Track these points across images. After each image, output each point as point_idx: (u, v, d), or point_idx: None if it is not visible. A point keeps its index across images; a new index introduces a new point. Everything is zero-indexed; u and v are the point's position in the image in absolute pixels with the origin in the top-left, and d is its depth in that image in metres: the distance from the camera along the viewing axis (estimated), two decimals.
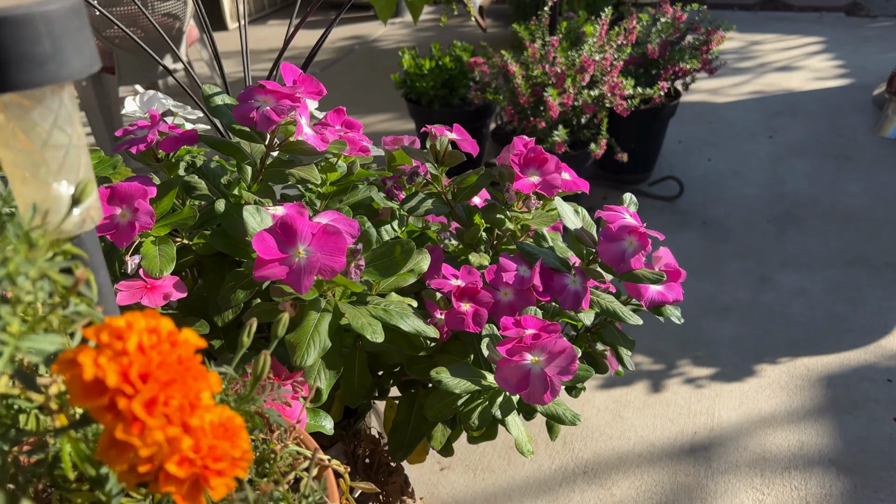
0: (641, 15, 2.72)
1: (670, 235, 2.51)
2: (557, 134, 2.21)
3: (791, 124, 3.36)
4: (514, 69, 2.22)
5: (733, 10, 5.30)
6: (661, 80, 2.62)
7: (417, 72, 2.71)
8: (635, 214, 0.82)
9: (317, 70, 4.40)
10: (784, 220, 2.58)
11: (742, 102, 3.64)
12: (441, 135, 0.83)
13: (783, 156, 3.06)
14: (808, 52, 4.33)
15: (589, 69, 2.23)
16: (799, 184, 2.83)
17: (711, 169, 2.98)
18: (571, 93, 2.23)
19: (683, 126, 3.39)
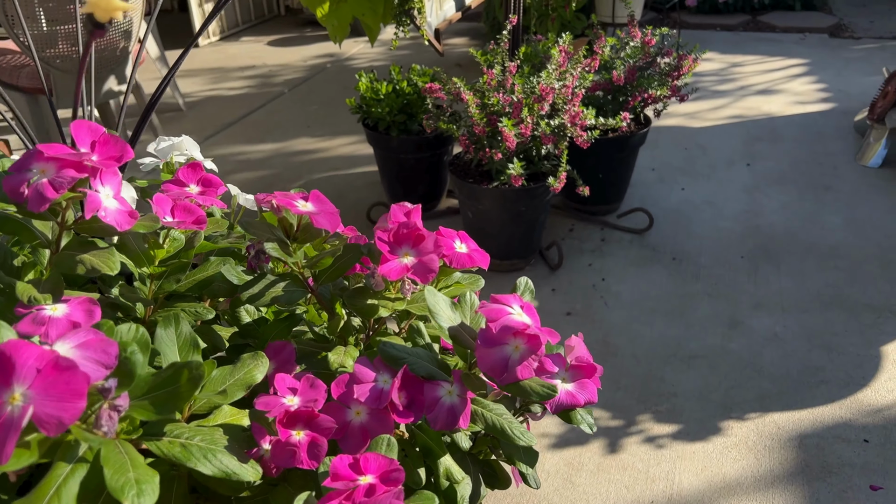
0: (609, 39, 2.59)
1: (638, 272, 2.36)
2: (512, 167, 2.06)
3: (770, 151, 3.23)
4: (468, 97, 2.07)
5: (716, 30, 5.19)
6: (627, 107, 2.48)
7: (373, 97, 2.56)
8: (529, 306, 0.67)
9: (285, 89, 4.26)
10: (759, 257, 2.44)
11: (720, 127, 3.51)
12: (287, 207, 0.67)
13: (760, 185, 2.93)
14: (790, 74, 4.21)
15: (548, 98, 2.09)
16: (776, 216, 2.69)
17: (685, 199, 2.84)
18: (529, 123, 2.09)
19: (658, 152, 3.25)
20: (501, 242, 2.34)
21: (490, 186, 2.19)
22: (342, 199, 2.93)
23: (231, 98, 4.16)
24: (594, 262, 2.44)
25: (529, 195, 2.21)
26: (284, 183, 3.09)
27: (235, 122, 3.81)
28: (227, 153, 3.42)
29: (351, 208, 2.84)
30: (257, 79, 4.48)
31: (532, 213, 2.28)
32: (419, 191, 2.74)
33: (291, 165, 3.26)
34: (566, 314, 2.18)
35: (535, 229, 2.35)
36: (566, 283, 2.33)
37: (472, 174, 2.30)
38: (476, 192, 2.23)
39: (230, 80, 4.48)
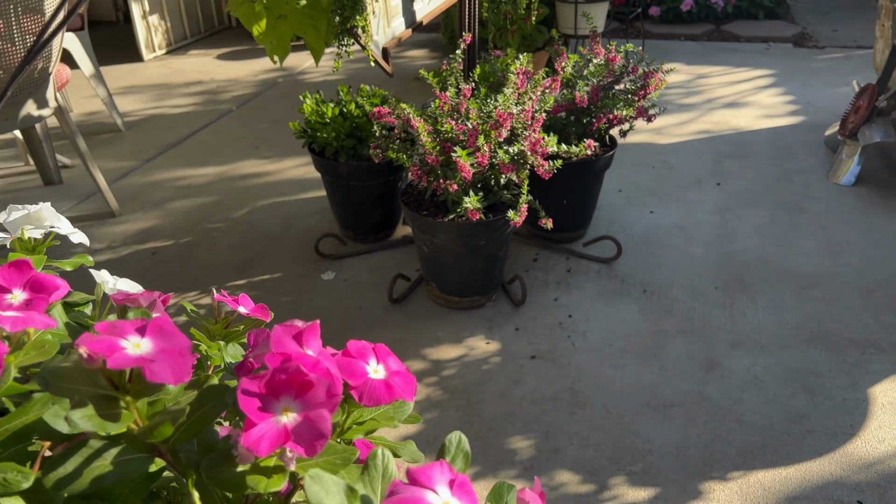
0: (571, 56, 2.42)
1: (607, 307, 2.20)
2: (468, 201, 1.88)
3: (740, 169, 3.10)
4: (418, 125, 1.89)
5: (680, 40, 5.09)
6: (592, 129, 2.32)
7: (319, 120, 2.37)
8: (462, 483, 0.47)
9: (233, 107, 4.03)
10: (734, 287, 2.29)
11: (688, 144, 3.37)
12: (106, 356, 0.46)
13: (731, 207, 2.79)
14: (757, 86, 4.11)
15: (505, 124, 1.91)
16: (749, 241, 2.55)
17: (654, 223, 2.69)
18: (486, 151, 1.91)
19: (624, 171, 3.10)
20: (460, 278, 2.16)
21: (446, 220, 2.00)
22: (289, 228, 2.72)
23: (175, 116, 3.92)
24: (560, 296, 2.27)
25: (489, 228, 2.03)
26: (226, 211, 2.87)
27: (178, 142, 3.57)
28: (167, 178, 3.18)
29: (298, 240, 2.63)
30: (204, 95, 4.24)
31: (493, 247, 2.11)
32: (372, 219, 2.54)
33: (236, 191, 3.04)
34: (531, 357, 2.01)
35: (497, 263, 2.17)
36: (531, 322, 2.16)
37: (426, 205, 2.12)
38: (431, 226, 2.04)
39: (175, 97, 4.23)
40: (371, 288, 2.34)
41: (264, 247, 2.60)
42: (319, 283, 2.37)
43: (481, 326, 2.14)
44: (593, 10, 3.85)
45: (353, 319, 2.19)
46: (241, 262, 2.52)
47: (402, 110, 1.90)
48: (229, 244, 2.63)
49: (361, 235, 2.57)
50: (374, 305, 2.25)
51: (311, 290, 2.34)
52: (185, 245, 2.63)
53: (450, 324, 2.16)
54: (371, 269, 2.45)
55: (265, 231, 2.71)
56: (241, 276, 2.43)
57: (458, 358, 2.02)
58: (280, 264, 2.49)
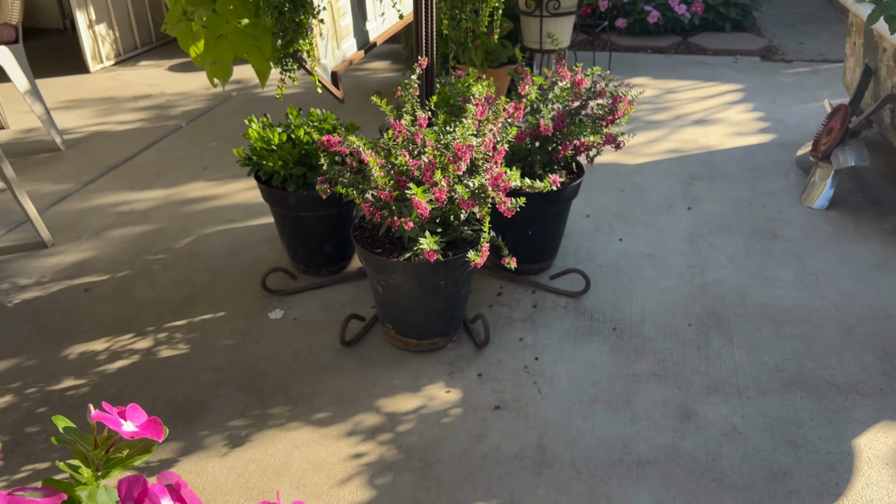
0: (536, 78, 2.28)
1: (576, 347, 2.06)
2: (425, 242, 1.72)
3: (711, 192, 2.99)
4: (370, 159, 1.72)
5: (647, 52, 5.00)
6: (557, 157, 2.18)
7: (265, 147, 2.19)
8: None
9: (182, 123, 3.82)
10: (708, 324, 2.17)
11: (657, 164, 3.26)
12: None
13: (703, 233, 2.67)
14: (726, 101, 4.03)
15: (464, 157, 1.76)
16: (723, 272, 2.43)
17: (623, 252, 2.56)
18: (444, 186, 1.75)
19: (592, 194, 2.97)
20: (418, 320, 2.00)
21: (402, 259, 1.84)
22: (236, 259, 2.54)
23: (120, 134, 3.70)
24: (526, 335, 2.13)
25: (449, 268, 1.87)
26: (169, 240, 2.67)
27: (122, 163, 3.36)
28: (107, 202, 2.97)
29: (245, 272, 2.45)
30: (153, 110, 4.02)
31: (453, 287, 1.95)
32: (325, 251, 2.37)
33: (181, 217, 2.84)
34: (495, 408, 1.85)
35: (458, 302, 2.02)
36: (495, 366, 2.01)
37: (380, 241, 1.96)
38: (385, 266, 1.88)
39: (121, 112, 4.01)
40: (322, 328, 2.17)
41: (208, 281, 2.41)
42: (266, 323, 2.20)
43: (441, 372, 1.98)
44: (559, 23, 3.72)
45: (301, 366, 2.01)
46: (182, 298, 2.32)
47: (352, 143, 1.74)
48: (170, 278, 2.44)
49: (313, 269, 2.40)
50: (324, 349, 2.08)
51: (257, 332, 2.16)
52: (123, 280, 2.43)
53: (407, 369, 1.99)
54: (323, 305, 2.27)
55: (210, 262, 2.52)
56: (180, 316, 2.24)
57: (415, 410, 1.85)
58: (224, 301, 2.30)
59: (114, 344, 2.12)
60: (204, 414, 1.85)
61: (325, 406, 1.87)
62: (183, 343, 2.12)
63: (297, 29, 1.70)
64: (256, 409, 1.87)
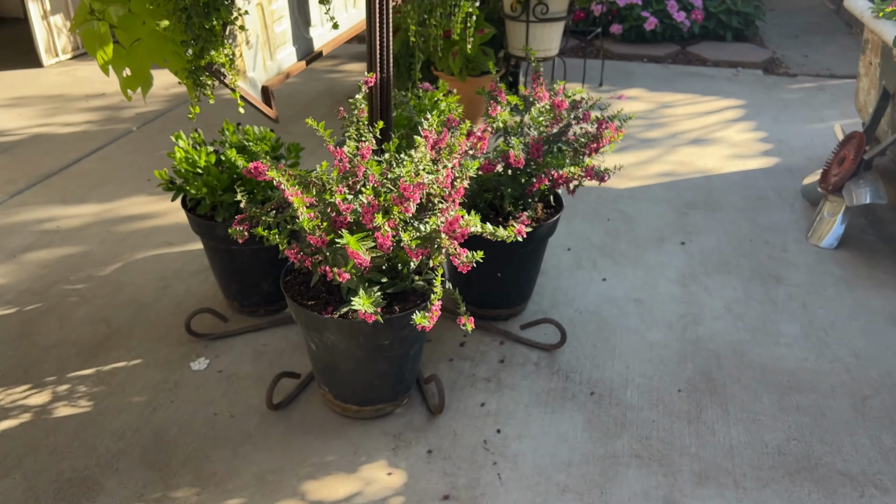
0: (511, 97, 1.97)
1: (545, 417, 1.75)
2: (358, 302, 1.41)
3: (707, 224, 2.69)
4: (294, 200, 1.41)
5: (643, 61, 4.69)
6: (532, 190, 1.88)
7: (189, 169, 1.87)
8: None
9: (133, 126, 3.49)
10: (701, 390, 1.86)
11: (649, 189, 2.96)
12: None
13: (698, 274, 2.37)
14: (725, 119, 3.72)
15: (412, 197, 1.45)
16: (719, 323, 2.13)
17: (606, 295, 2.25)
18: (388, 231, 1.44)
19: (575, 223, 2.66)
20: (359, 385, 1.69)
21: (336, 316, 1.53)
22: (165, 292, 2.22)
23: (63, 137, 3.37)
24: (489, 399, 1.82)
25: (393, 327, 1.56)
26: (94, 266, 2.35)
27: (58, 171, 3.03)
28: (32, 218, 2.65)
29: (173, 309, 2.13)
30: (104, 111, 3.69)
31: (401, 347, 1.64)
32: (262, 289, 2.06)
33: (112, 238, 2.52)
34: (443, 498, 1.55)
35: (407, 363, 1.71)
36: (449, 439, 1.70)
37: (315, 291, 1.65)
38: (317, 323, 1.57)
39: (69, 113, 3.68)
40: (251, 383, 1.86)
41: (128, 319, 2.09)
42: (187, 376, 1.88)
43: (385, 446, 1.67)
44: (547, 29, 3.41)
45: (219, 434, 1.70)
46: (95, 340, 2.01)
47: (274, 176, 1.42)
48: (86, 314, 2.12)
49: (249, 308, 2.09)
50: (250, 411, 1.77)
51: (174, 386, 1.84)
52: (31, 315, 2.11)
53: (345, 441, 1.68)
54: (256, 354, 1.96)
55: (134, 295, 2.20)
56: (88, 363, 1.92)
57: (348, 499, 1.54)
58: (143, 346, 1.99)
59: (3, 398, 1.80)
60: (93, 496, 1.54)
61: (240, 489, 1.56)
62: (86, 399, 1.80)
63: (208, 38, 1.39)
64: (158, 490, 1.55)
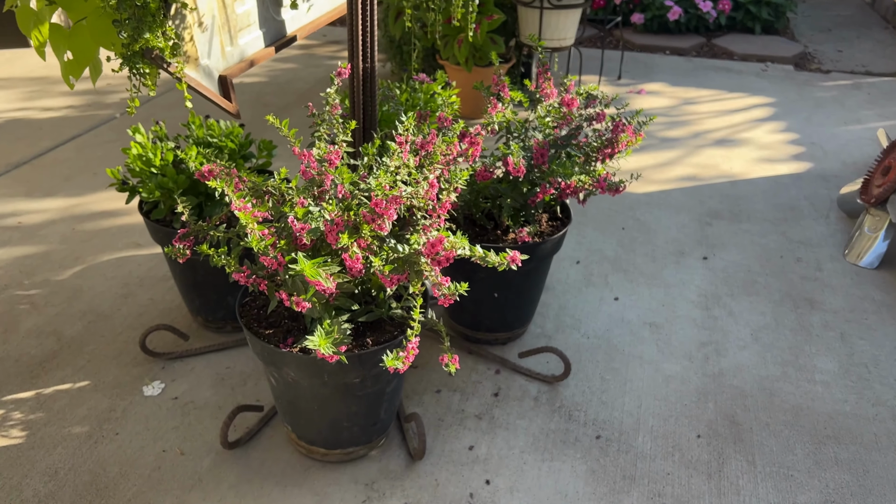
0: (514, 93, 1.72)
1: (543, 465, 1.51)
2: (313, 340, 1.17)
3: (732, 236, 2.43)
4: (244, 214, 1.17)
5: (665, 54, 4.41)
6: (536, 200, 1.63)
7: (144, 169, 1.64)
8: None
9: (117, 113, 3.27)
10: (724, 436, 1.62)
11: (668, 195, 2.70)
12: None
13: (721, 295, 2.11)
14: (753, 118, 3.45)
15: (387, 213, 1.21)
16: (745, 354, 1.88)
17: (618, 316, 2.00)
18: (357, 253, 1.20)
19: (586, 232, 2.41)
20: (326, 425, 1.46)
21: (296, 350, 1.30)
22: (126, 301, 1.99)
23: (39, 123, 3.16)
24: (479, 441, 1.58)
25: (363, 364, 1.33)
26: (51, 270, 2.13)
27: (28, 160, 2.82)
28: None
29: (132, 321, 1.91)
30: (88, 96, 3.47)
31: (374, 385, 1.41)
32: (228, 303, 1.83)
33: (76, 237, 2.30)
34: None
35: (384, 401, 1.47)
36: (429, 491, 1.46)
37: (277, 317, 1.41)
38: (274, 357, 1.33)
39: (51, 97, 3.46)
40: (209, 413, 1.63)
41: (81, 332, 1.88)
42: (137, 402, 1.66)
43: (354, 498, 1.44)
44: (563, 17, 3.15)
45: (166, 476, 1.47)
46: (41, 357, 1.79)
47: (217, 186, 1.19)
48: (35, 325, 1.90)
49: (215, 324, 1.86)
50: (203, 449, 1.54)
51: (122, 415, 1.62)
52: None
53: (307, 491, 1.45)
54: (217, 379, 1.74)
55: (92, 304, 1.98)
56: (29, 384, 1.70)
57: None
58: (93, 364, 1.77)
59: None
60: None
61: None
62: (19, 428, 1.58)
63: (142, 16, 1.15)
64: None
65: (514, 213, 1.70)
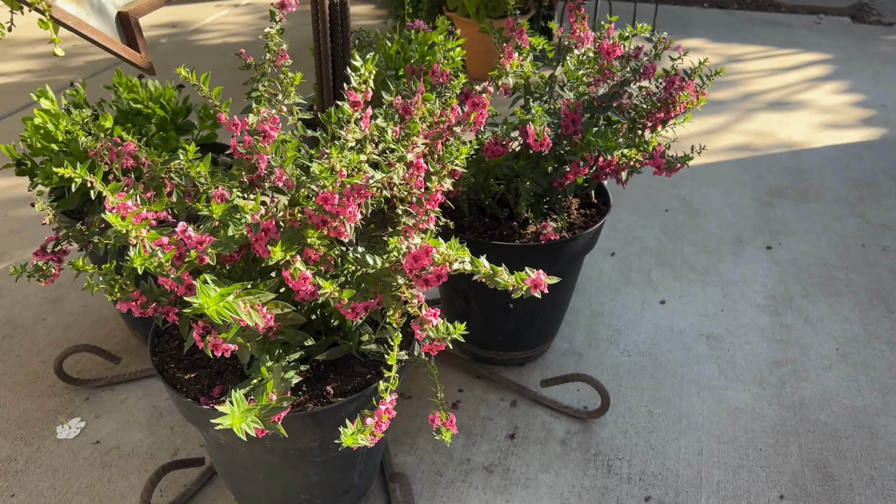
0: (536, 40, 1.29)
1: None
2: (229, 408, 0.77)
3: (799, 220, 2.00)
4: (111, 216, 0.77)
5: (703, 6, 3.92)
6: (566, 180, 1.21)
7: (45, 143, 1.25)
8: None
9: (77, 80, 2.87)
10: (815, 497, 1.21)
11: (718, 168, 2.26)
12: None
13: (794, 296, 1.69)
14: (810, 77, 2.98)
15: (344, 212, 0.80)
16: (831, 377, 1.46)
17: (666, 326, 1.59)
18: (301, 272, 0.80)
19: (622, 216, 2.00)
20: (276, 497, 1.07)
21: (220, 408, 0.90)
22: (54, 307, 1.61)
23: None
24: (490, 502, 1.19)
25: (320, 425, 0.93)
26: None
27: None
28: None
29: (55, 336, 1.53)
30: (49, 59, 3.07)
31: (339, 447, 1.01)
32: None
33: (6, 227, 1.92)
34: None
35: (355, 464, 1.08)
36: None
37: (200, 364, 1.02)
38: (195, 414, 0.94)
39: (8, 60, 3.06)
40: (138, 463, 1.25)
41: None
42: (48, 449, 1.28)
43: None
44: None
45: None
46: None
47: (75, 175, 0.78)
48: None
49: None
50: None
51: (23, 469, 1.24)
52: None
53: None
54: (155, 413, 1.35)
55: (11, 312, 1.60)
56: None
57: None
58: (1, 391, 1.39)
59: None
60: None
61: None
62: None
63: None
64: None
65: (536, 201, 1.28)
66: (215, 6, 3.80)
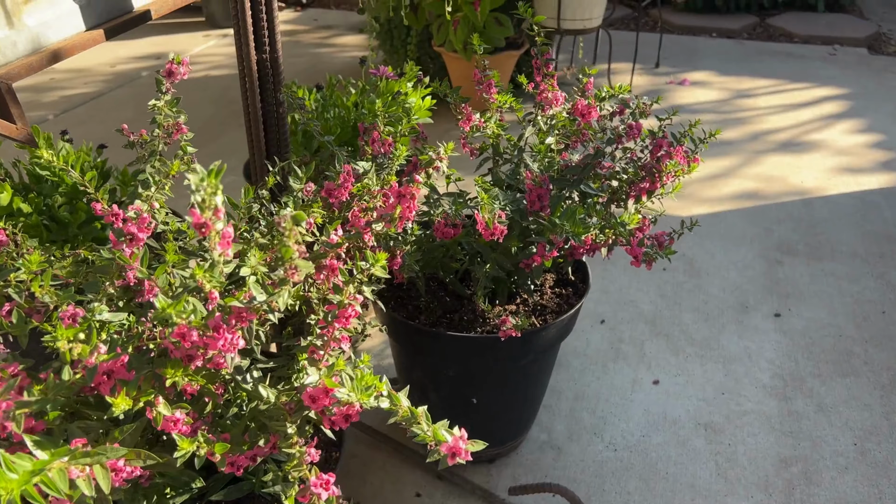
0: (501, 97, 1.12)
1: None
2: None
3: (812, 281, 1.80)
4: None
5: (711, 36, 3.75)
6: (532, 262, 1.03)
7: None
8: None
9: (50, 115, 2.74)
10: None
11: (723, 219, 2.08)
12: None
13: (804, 376, 1.50)
14: (825, 114, 2.79)
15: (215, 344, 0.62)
16: (848, 484, 1.26)
17: (659, 412, 1.40)
18: (163, 415, 0.63)
19: (612, 275, 1.81)
20: None
21: None
22: None
23: None
24: None
25: None
26: None
27: None
28: None
29: None
30: (22, 92, 2.95)
31: None
32: None
33: None
34: None
35: None
36: None
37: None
38: None
39: None
40: None
41: None
42: None
43: None
44: None
45: None
46: None
47: None
48: None
49: None
50: None
51: None
52: None
53: None
54: None
55: None
56: None
57: None
58: None
59: None
60: None
61: None
62: None
63: None
64: None
65: (502, 280, 1.10)
66: (203, 36, 3.67)
